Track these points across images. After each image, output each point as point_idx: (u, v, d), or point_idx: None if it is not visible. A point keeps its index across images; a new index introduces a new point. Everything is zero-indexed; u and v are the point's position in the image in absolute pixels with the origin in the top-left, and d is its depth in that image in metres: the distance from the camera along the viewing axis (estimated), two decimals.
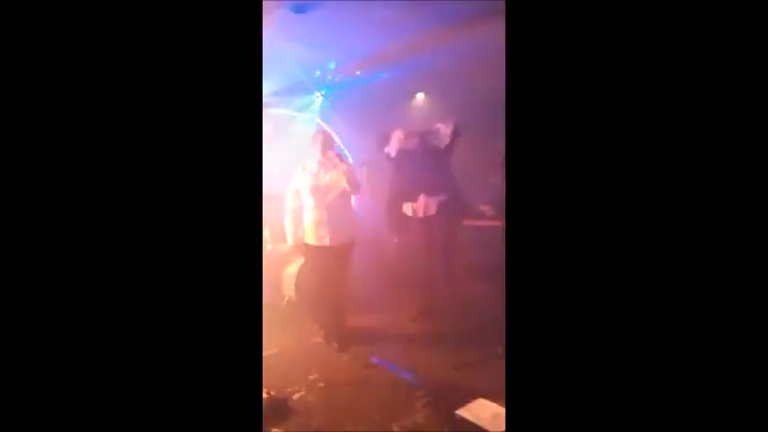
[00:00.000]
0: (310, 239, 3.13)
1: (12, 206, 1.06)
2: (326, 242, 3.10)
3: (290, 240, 3.26)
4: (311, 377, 2.74)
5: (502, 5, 1.23)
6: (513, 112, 1.16)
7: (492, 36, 3.05)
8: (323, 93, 4.97)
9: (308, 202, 3.11)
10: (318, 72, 4.60)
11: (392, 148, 3.57)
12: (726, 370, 1.00)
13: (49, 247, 1.07)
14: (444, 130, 3.53)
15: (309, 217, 3.11)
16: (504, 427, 2.08)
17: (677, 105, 1.04)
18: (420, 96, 5.29)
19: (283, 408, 2.36)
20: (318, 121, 4.90)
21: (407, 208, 3.57)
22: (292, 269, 3.93)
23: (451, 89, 4.71)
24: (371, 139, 3.84)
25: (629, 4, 1.06)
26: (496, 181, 3.00)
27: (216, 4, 1.14)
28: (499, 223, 3.00)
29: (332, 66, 4.50)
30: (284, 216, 3.24)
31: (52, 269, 1.07)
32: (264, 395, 2.31)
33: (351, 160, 3.24)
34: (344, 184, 3.03)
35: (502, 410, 2.22)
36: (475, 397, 2.37)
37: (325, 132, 3.33)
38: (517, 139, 1.15)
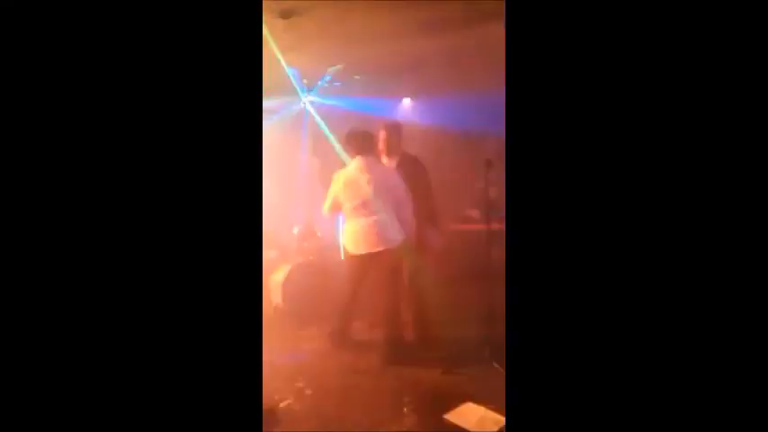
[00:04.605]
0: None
1: (12, 207, 1.05)
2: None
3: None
4: (298, 384, 2.72)
5: (501, 6, 1.24)
6: (512, 114, 1.16)
7: (485, 39, 3.09)
8: (310, 98, 4.96)
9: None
10: (305, 78, 4.60)
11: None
12: (726, 373, 1.00)
13: (49, 252, 1.06)
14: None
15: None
16: (491, 431, 2.09)
17: (677, 107, 1.04)
18: (407, 101, 5.31)
19: (271, 416, 2.33)
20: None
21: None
22: (279, 276, 3.91)
23: (439, 93, 4.74)
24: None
25: (629, 4, 1.07)
26: (482, 185, 3.00)
27: (216, 8, 1.14)
28: (485, 227, 3.00)
29: (320, 71, 4.51)
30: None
31: (52, 273, 1.06)
32: None
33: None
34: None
35: (489, 414, 2.22)
36: (462, 401, 2.37)
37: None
38: (517, 140, 1.16)
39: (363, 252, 2.96)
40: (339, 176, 3.02)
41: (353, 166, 2.98)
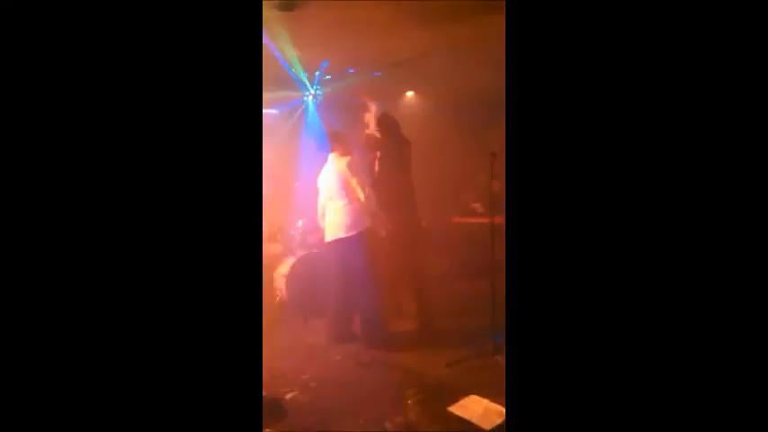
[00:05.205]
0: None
1: (12, 207, 1.05)
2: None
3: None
4: (303, 377, 2.74)
5: (501, 5, 1.24)
6: (513, 111, 1.16)
7: (484, 36, 3.07)
8: (313, 91, 4.95)
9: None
10: (308, 71, 4.58)
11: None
12: (726, 370, 1.01)
13: (49, 250, 1.07)
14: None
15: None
16: (495, 423, 2.10)
17: (676, 106, 1.04)
18: (410, 95, 5.29)
19: (276, 408, 2.36)
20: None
21: None
22: (283, 269, 3.92)
23: (442, 88, 4.72)
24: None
25: (628, 3, 1.07)
26: (485, 179, 3.00)
27: (216, 4, 1.14)
28: (488, 220, 3.01)
29: (321, 64, 4.49)
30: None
31: (52, 271, 1.07)
32: None
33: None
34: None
35: (493, 406, 2.24)
36: (466, 393, 2.38)
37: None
38: (517, 137, 1.16)
39: (330, 239, 3.22)
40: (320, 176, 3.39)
41: (327, 163, 3.33)
